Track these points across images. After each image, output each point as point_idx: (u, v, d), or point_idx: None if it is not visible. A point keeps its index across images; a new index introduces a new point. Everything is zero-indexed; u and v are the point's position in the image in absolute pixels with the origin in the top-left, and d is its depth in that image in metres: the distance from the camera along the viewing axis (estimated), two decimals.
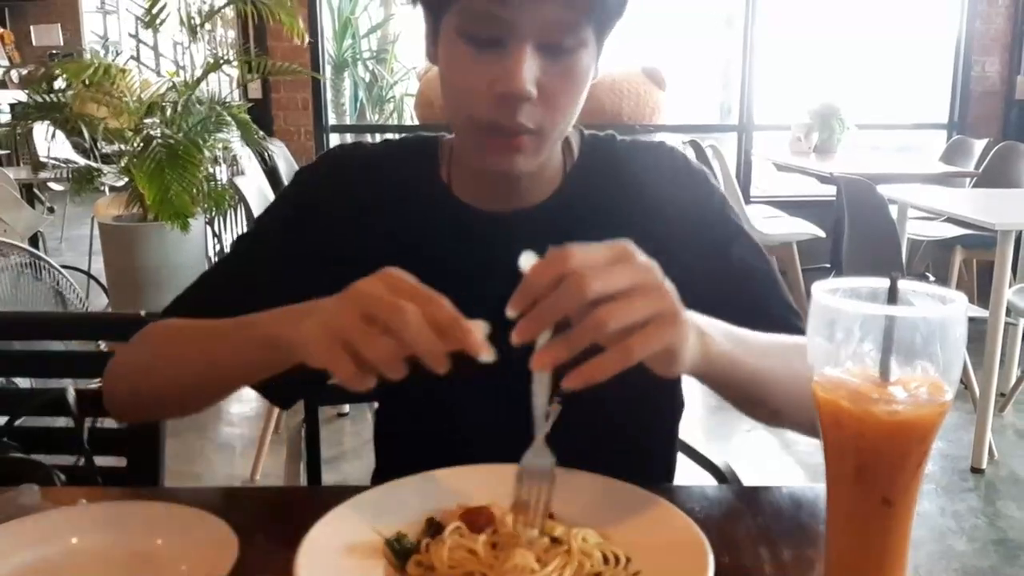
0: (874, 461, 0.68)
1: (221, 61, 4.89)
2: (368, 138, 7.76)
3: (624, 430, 1.18)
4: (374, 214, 1.19)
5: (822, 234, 4.95)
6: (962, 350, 0.66)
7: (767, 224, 5.08)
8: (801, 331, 1.01)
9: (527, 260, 0.82)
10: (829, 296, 0.68)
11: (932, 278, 3.94)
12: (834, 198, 4.67)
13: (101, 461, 1.46)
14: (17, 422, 1.46)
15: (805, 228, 5.06)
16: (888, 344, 0.66)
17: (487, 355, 0.79)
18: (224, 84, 5.29)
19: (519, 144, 1.04)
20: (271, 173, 5.00)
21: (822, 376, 0.69)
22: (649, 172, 1.21)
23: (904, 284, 0.66)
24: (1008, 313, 3.42)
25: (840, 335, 0.67)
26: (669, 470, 1.32)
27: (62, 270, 2.45)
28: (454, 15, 1.02)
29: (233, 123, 4.55)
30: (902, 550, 0.71)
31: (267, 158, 4.85)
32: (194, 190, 4.30)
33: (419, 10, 1.10)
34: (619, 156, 1.23)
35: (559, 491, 0.89)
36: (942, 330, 0.66)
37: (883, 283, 0.67)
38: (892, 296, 0.66)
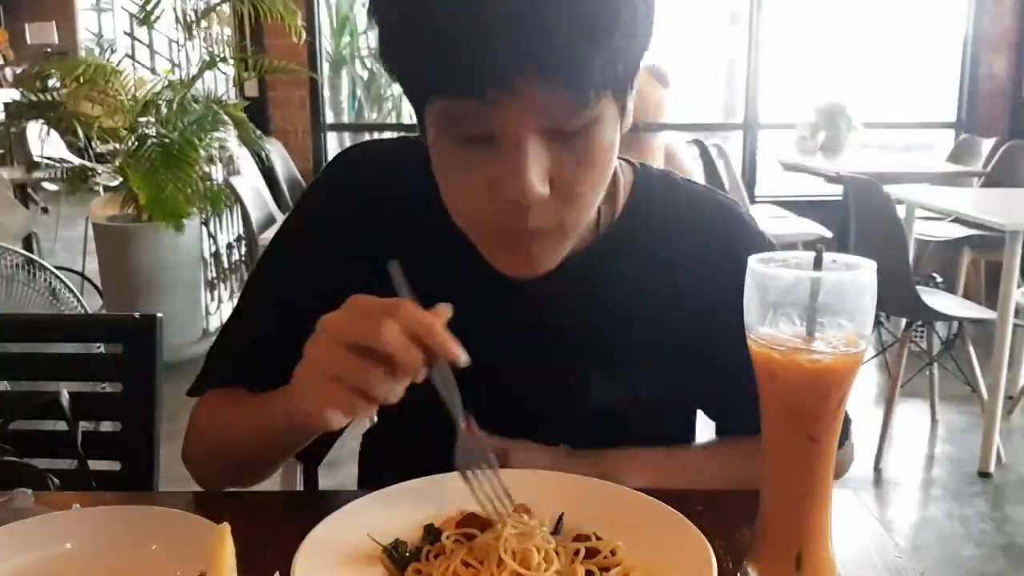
0: (800, 404, 0.79)
1: (217, 59, 4.86)
2: (365, 136, 7.77)
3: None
4: (390, 224, 1.09)
5: (829, 234, 4.93)
6: (873, 307, 0.77)
7: (773, 224, 5.05)
8: None
9: None
10: (763, 265, 0.78)
11: (940, 279, 3.92)
12: (841, 198, 4.66)
13: (95, 465, 1.45)
14: (11, 425, 1.45)
15: (811, 228, 5.04)
16: (813, 304, 0.77)
17: (463, 360, 0.83)
18: (220, 82, 5.26)
19: (535, 248, 0.93)
20: (268, 172, 4.97)
21: (757, 333, 0.80)
22: (705, 244, 1.07)
23: (828, 255, 0.77)
24: (1016, 315, 3.41)
25: (772, 298, 0.78)
26: None
27: (56, 271, 2.41)
28: (435, 109, 0.88)
29: (229, 122, 4.52)
30: (826, 480, 0.82)
31: (264, 158, 4.83)
32: (189, 190, 4.27)
33: None
34: (676, 211, 1.09)
35: (563, 497, 0.93)
36: (855, 291, 0.77)
37: (810, 255, 0.78)
38: (817, 265, 0.77)
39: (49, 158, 5.54)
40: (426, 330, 0.80)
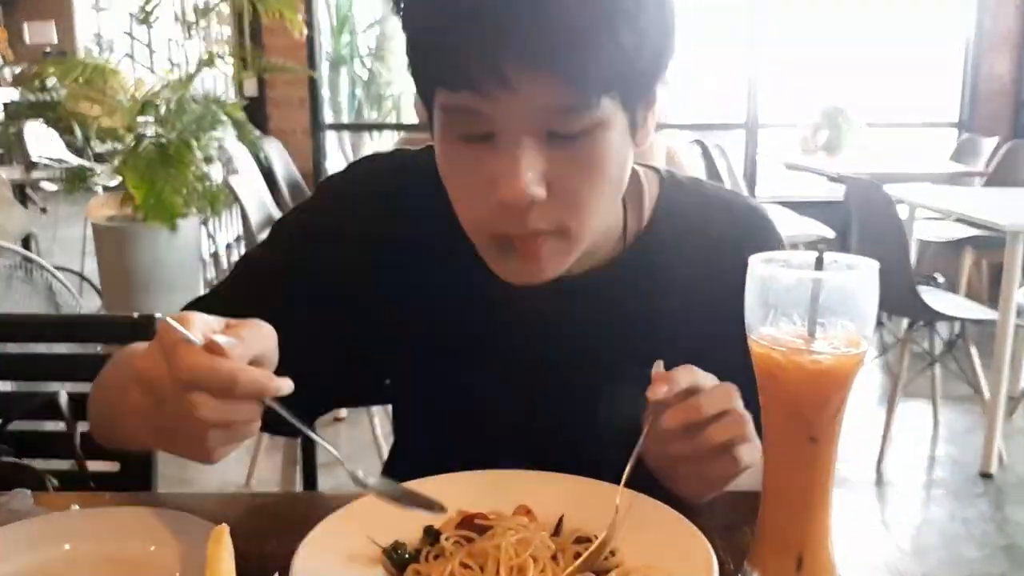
0: (801, 404, 0.80)
1: (216, 56, 4.85)
2: (365, 136, 7.77)
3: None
4: (393, 251, 1.06)
5: (831, 234, 4.91)
6: (875, 308, 0.77)
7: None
8: None
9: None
10: (764, 265, 0.79)
11: (941, 279, 3.91)
12: (843, 198, 4.65)
13: (94, 466, 1.45)
14: (9, 426, 1.47)
15: (814, 228, 5.01)
16: (814, 305, 0.77)
17: (283, 390, 0.77)
18: (219, 81, 5.26)
19: (538, 251, 0.89)
20: (267, 172, 4.97)
21: (758, 334, 0.80)
22: (732, 246, 1.00)
23: (829, 256, 0.78)
24: (1018, 315, 3.41)
25: (773, 298, 0.78)
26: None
27: (55, 271, 2.41)
28: (438, 104, 0.87)
29: (228, 122, 4.51)
30: (826, 481, 0.82)
31: (263, 159, 4.82)
32: (184, 191, 4.25)
33: None
34: (704, 220, 1.05)
35: (563, 498, 0.93)
36: (856, 291, 0.77)
37: (811, 255, 0.79)
38: (819, 265, 0.78)
39: (48, 158, 5.54)
40: (227, 387, 0.73)
